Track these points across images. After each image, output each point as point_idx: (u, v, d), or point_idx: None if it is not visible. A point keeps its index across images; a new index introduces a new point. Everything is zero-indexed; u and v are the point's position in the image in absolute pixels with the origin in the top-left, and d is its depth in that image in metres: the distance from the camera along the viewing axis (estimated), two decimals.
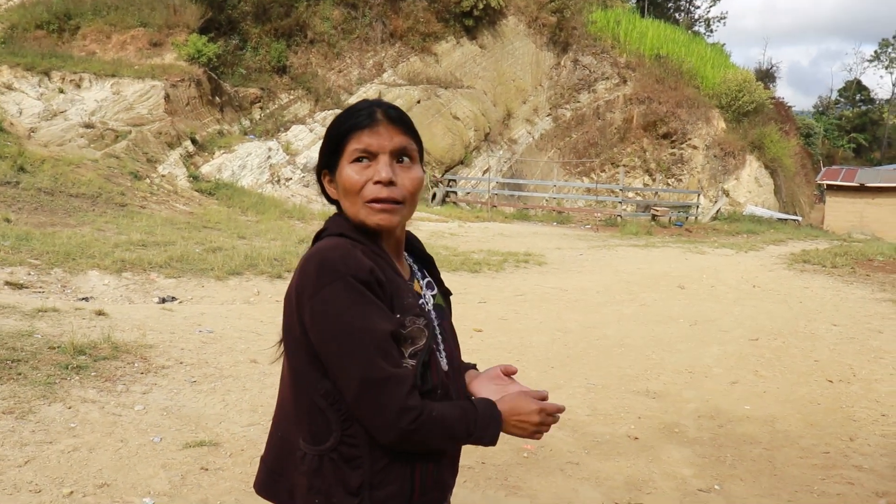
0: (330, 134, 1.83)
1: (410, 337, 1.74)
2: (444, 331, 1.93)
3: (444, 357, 1.88)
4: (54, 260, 9.70)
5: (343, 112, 1.86)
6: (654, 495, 4.68)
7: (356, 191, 1.77)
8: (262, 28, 24.85)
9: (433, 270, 2.06)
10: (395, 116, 1.81)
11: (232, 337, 7.44)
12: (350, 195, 1.78)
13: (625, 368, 7.55)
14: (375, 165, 1.77)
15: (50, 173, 14.89)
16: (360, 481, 1.72)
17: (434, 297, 1.97)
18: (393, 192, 1.77)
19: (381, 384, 1.64)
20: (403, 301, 1.76)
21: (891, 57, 67.34)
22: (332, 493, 1.73)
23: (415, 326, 1.75)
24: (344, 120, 1.82)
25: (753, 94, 31.37)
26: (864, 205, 30.52)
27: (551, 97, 31.47)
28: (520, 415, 1.84)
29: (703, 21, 57.06)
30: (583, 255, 16.12)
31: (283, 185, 20.99)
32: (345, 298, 1.65)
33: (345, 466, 1.73)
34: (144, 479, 4.32)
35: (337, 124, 1.82)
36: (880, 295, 12.03)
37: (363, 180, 1.76)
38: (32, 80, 18.94)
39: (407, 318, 1.74)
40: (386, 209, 1.77)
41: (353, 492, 1.72)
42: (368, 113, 1.79)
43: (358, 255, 1.70)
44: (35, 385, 5.39)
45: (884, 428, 6.12)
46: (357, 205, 1.78)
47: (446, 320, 1.98)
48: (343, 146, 1.79)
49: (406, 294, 1.79)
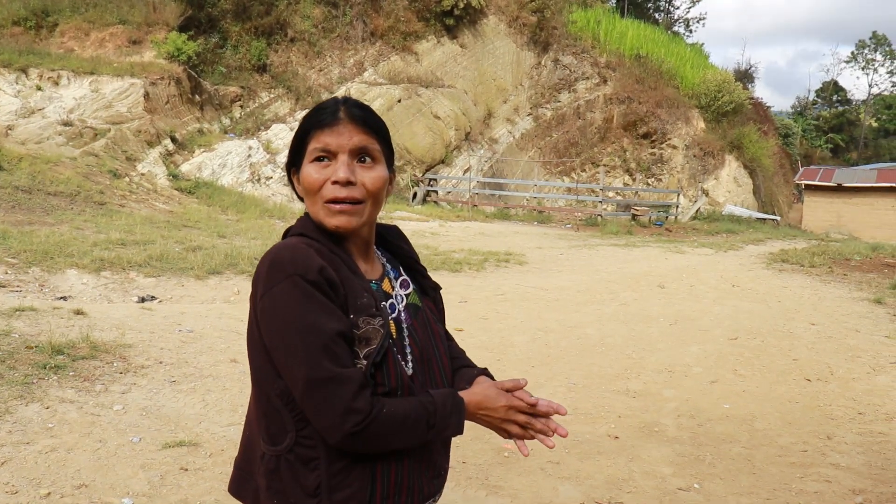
0: (296, 131, 1.83)
1: (365, 338, 1.71)
2: (413, 331, 1.88)
3: (410, 357, 1.83)
4: (32, 259, 9.61)
5: (311, 109, 1.85)
6: (633, 494, 4.70)
7: (315, 190, 1.76)
8: (243, 26, 24.75)
9: (416, 267, 2.03)
10: (358, 115, 1.79)
11: (212, 336, 7.40)
12: (310, 194, 1.78)
13: (605, 367, 7.58)
14: (334, 165, 1.76)
15: (27, 171, 14.76)
16: (318, 483, 1.70)
17: (408, 295, 1.93)
18: (352, 191, 1.75)
19: (325, 384, 1.61)
20: (357, 301, 1.73)
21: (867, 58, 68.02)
22: (289, 493, 1.72)
23: (369, 327, 1.71)
24: (309, 118, 1.81)
25: (732, 95, 31.58)
26: (842, 204, 30.82)
27: (532, 97, 31.53)
28: (486, 408, 1.82)
29: (683, 21, 57.40)
30: (563, 254, 16.16)
31: (264, 183, 20.92)
32: (291, 298, 1.63)
33: (301, 468, 1.71)
34: (123, 479, 4.29)
35: (303, 122, 1.82)
36: (857, 294, 12.14)
37: (322, 179, 1.76)
38: (9, 77, 18.76)
39: (361, 318, 1.71)
40: (344, 210, 1.75)
41: (311, 493, 1.70)
42: (332, 111, 1.78)
43: (310, 255, 1.68)
44: (12, 385, 5.34)
45: (860, 426, 6.18)
46: (317, 204, 1.77)
47: (419, 320, 1.92)
48: (305, 144, 1.79)
49: (361, 294, 1.75)
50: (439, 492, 1.90)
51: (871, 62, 67.91)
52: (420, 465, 1.81)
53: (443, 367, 1.94)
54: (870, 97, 66.68)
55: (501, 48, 30.61)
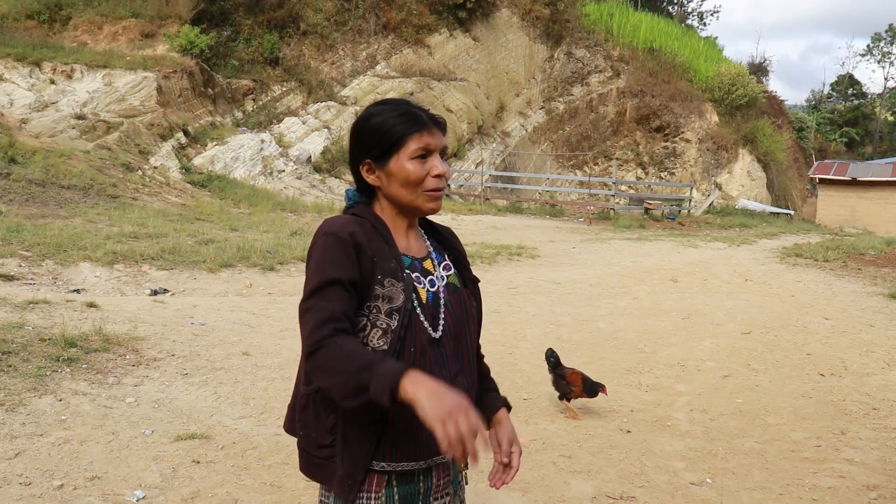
0: (384, 130, 2.04)
1: (388, 296, 1.97)
2: (450, 305, 2.10)
3: (443, 325, 2.06)
4: (45, 252, 9.65)
5: (392, 111, 2.06)
6: (646, 488, 4.68)
7: (419, 182, 2.04)
8: (255, 19, 24.74)
9: (460, 259, 2.26)
10: (440, 121, 2.10)
11: (224, 329, 7.42)
12: (410, 185, 2.04)
13: (617, 361, 7.56)
14: (430, 161, 2.05)
15: (41, 165, 14.81)
16: (335, 422, 1.97)
17: (449, 276, 2.17)
18: (443, 182, 2.09)
19: (305, 312, 1.88)
20: (386, 265, 1.99)
21: (883, 51, 67.47)
22: (311, 428, 2.02)
23: (393, 287, 1.97)
24: (401, 120, 2.04)
25: (746, 88, 31.39)
26: (856, 199, 30.63)
27: (544, 90, 31.42)
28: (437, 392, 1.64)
29: (697, 14, 57.04)
30: (576, 248, 16.13)
31: (276, 177, 20.94)
32: (321, 246, 1.95)
33: (323, 408, 1.99)
34: (136, 471, 4.30)
35: (391, 123, 2.04)
36: (872, 289, 12.06)
37: (424, 173, 2.04)
38: (23, 70, 18.84)
39: (387, 279, 1.97)
40: (439, 196, 2.09)
41: (328, 430, 1.98)
42: (425, 117, 2.06)
43: (347, 222, 2.01)
44: (26, 377, 5.36)
45: (875, 421, 6.14)
46: (415, 193, 2.06)
47: (455, 297, 2.14)
48: (402, 143, 2.03)
49: (389, 259, 2.00)
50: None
51: (887, 55, 67.34)
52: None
53: (471, 346, 2.18)
54: (885, 91, 66.12)
55: (514, 41, 30.49)
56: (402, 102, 2.11)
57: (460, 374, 2.09)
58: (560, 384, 5.96)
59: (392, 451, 1.95)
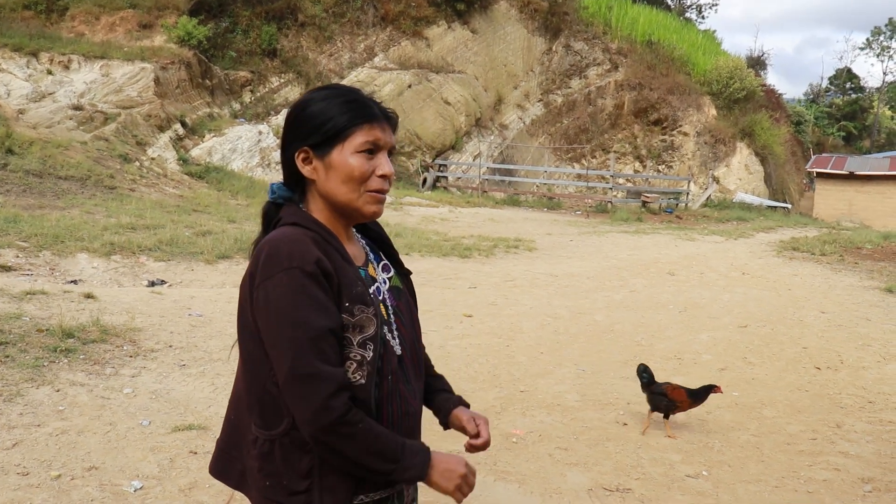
0: (329, 116, 1.84)
1: (359, 325, 1.77)
2: (399, 312, 1.96)
3: (398, 341, 1.91)
4: (43, 242, 9.64)
5: (339, 97, 1.87)
6: (642, 480, 4.70)
7: (362, 180, 1.83)
8: (253, 11, 24.68)
9: (390, 252, 2.09)
10: (393, 116, 1.91)
11: (221, 321, 7.43)
12: (351, 182, 1.83)
13: (614, 354, 7.57)
14: (377, 159, 1.85)
15: (38, 155, 14.77)
16: (311, 465, 1.76)
17: (390, 278, 2.00)
18: (388, 185, 1.89)
19: (306, 379, 1.67)
20: (352, 290, 1.78)
21: (882, 45, 67.37)
22: (282, 475, 1.78)
23: (363, 315, 1.78)
24: (350, 108, 1.84)
25: (744, 82, 31.36)
26: (854, 193, 30.62)
27: (542, 83, 31.38)
28: (449, 469, 1.84)
29: (695, 7, 56.94)
30: (573, 241, 16.14)
31: (274, 168, 20.89)
32: (286, 290, 1.69)
33: (295, 451, 1.77)
34: (133, 462, 4.32)
35: (339, 110, 1.84)
36: (868, 283, 12.09)
37: (370, 171, 1.83)
38: (20, 61, 18.76)
39: (356, 306, 1.77)
40: (382, 200, 1.88)
41: (303, 475, 1.77)
42: (375, 108, 1.86)
43: (307, 247, 1.73)
44: (23, 368, 5.37)
45: (870, 415, 6.16)
46: (356, 192, 1.84)
47: (402, 302, 2.00)
48: (348, 134, 1.82)
49: (355, 283, 1.81)
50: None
51: (887, 49, 67.23)
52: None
53: (420, 350, 2.04)
54: (884, 85, 66.05)
55: (512, 34, 30.44)
56: (351, 90, 1.90)
57: (418, 382, 2.01)
58: (660, 402, 5.57)
59: (371, 483, 1.81)
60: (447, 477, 1.82)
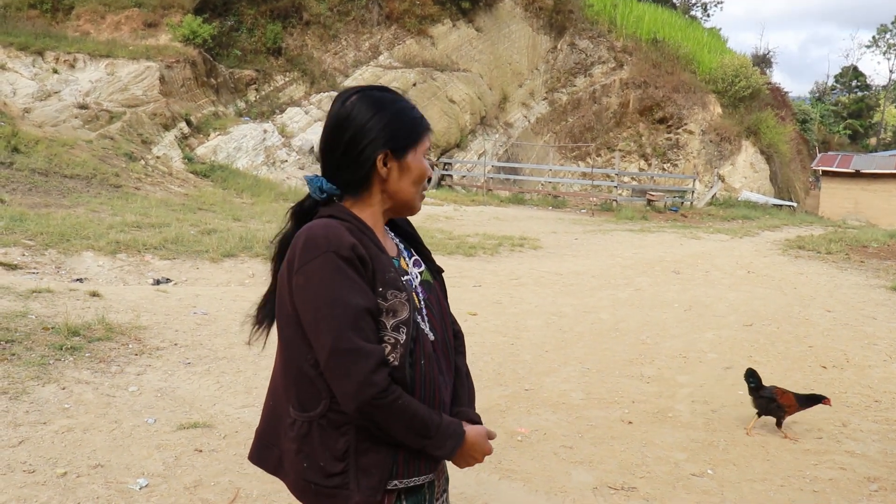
0: (415, 120, 2.00)
1: (392, 309, 1.85)
2: (430, 305, 2.04)
3: (429, 327, 1.99)
4: (49, 241, 9.66)
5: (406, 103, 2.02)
6: (646, 479, 4.69)
7: (423, 180, 2.01)
8: (258, 9, 24.68)
9: (421, 249, 2.18)
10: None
11: (227, 319, 7.44)
12: (418, 183, 2.00)
13: (619, 353, 7.57)
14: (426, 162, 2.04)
15: (44, 154, 14.80)
16: (346, 446, 1.84)
17: (421, 273, 2.09)
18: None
19: (348, 354, 1.74)
20: (385, 275, 1.87)
21: (889, 43, 67.17)
22: (318, 457, 1.86)
23: (396, 300, 1.86)
24: (419, 116, 2.02)
25: (750, 80, 31.25)
26: (860, 191, 30.55)
27: (547, 81, 31.34)
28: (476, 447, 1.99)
29: (700, 5, 56.84)
30: (578, 239, 16.12)
31: (279, 167, 20.91)
32: (324, 273, 1.78)
33: (332, 432, 1.85)
34: (138, 460, 4.32)
35: (418, 114, 2.02)
36: (874, 281, 12.06)
37: (429, 173, 2.03)
38: (26, 60, 18.80)
39: (389, 291, 1.86)
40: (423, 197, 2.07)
41: (339, 457, 1.84)
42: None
43: (342, 232, 1.83)
44: (29, 366, 5.38)
45: (876, 414, 6.15)
46: (415, 191, 2.00)
47: (433, 295, 2.08)
48: (419, 140, 1.99)
49: (388, 269, 1.89)
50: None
51: (893, 47, 67.03)
52: None
53: (450, 344, 2.11)
54: (890, 83, 65.89)
55: (517, 32, 30.41)
56: (400, 95, 2.04)
57: (448, 375, 2.06)
58: (769, 407, 5.56)
59: (405, 468, 1.89)
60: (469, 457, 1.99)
